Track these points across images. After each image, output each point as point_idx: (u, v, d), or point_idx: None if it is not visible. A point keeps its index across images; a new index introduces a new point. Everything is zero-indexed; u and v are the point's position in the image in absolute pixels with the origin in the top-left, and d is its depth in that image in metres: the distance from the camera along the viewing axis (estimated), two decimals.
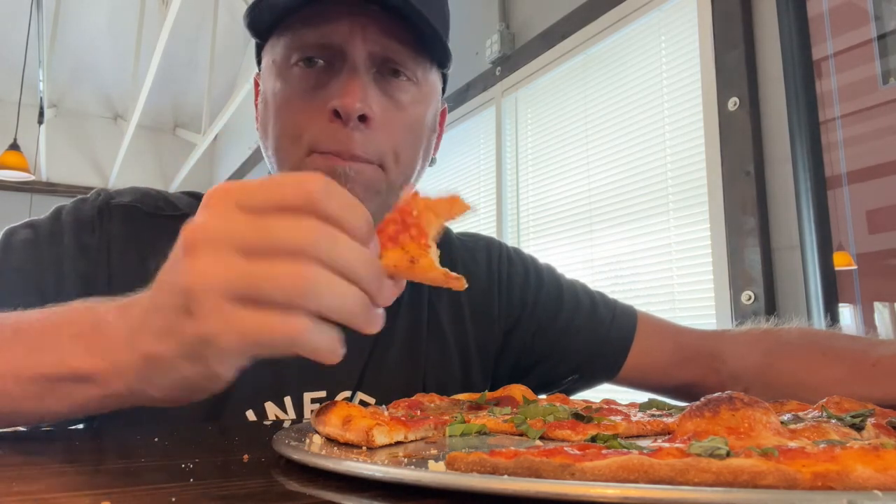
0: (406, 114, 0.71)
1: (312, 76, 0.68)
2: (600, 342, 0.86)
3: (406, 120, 0.71)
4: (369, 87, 0.67)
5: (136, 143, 6.71)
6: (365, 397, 0.76)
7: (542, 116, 2.69)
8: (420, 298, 0.82)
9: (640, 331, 0.87)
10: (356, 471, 0.33)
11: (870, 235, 1.53)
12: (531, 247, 2.67)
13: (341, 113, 0.64)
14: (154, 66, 4.60)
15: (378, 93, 0.68)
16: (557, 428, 0.45)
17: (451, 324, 0.84)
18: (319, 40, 0.67)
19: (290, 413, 0.72)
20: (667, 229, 2.07)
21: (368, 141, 0.67)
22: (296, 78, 0.68)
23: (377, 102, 0.67)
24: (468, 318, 0.85)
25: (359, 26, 0.66)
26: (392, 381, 0.77)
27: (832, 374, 0.72)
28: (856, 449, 0.27)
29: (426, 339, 0.81)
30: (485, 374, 0.86)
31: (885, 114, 1.52)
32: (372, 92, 0.67)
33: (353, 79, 0.66)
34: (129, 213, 0.75)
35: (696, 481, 0.26)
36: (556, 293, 0.90)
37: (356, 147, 0.66)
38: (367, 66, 0.67)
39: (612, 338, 0.86)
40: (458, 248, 0.89)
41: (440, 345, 0.82)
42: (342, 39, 0.66)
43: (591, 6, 2.38)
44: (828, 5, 1.64)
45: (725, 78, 1.83)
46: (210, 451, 0.48)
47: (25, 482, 0.37)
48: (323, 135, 0.66)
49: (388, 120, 0.69)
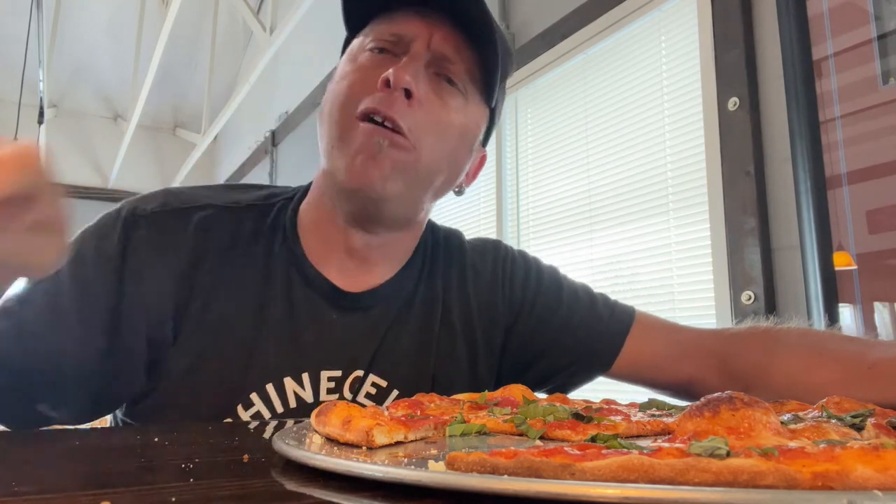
0: (447, 113, 0.76)
1: (378, 60, 0.76)
2: (596, 335, 0.89)
3: (445, 118, 0.76)
4: (421, 73, 0.74)
5: (136, 143, 6.70)
6: (377, 379, 0.81)
7: (542, 116, 2.69)
8: (433, 295, 0.88)
9: (636, 325, 0.89)
10: (356, 471, 0.33)
11: (870, 235, 1.53)
12: (531, 247, 2.67)
13: (391, 81, 0.70)
14: (154, 66, 4.60)
15: (427, 82, 0.75)
16: (557, 428, 0.45)
17: (461, 319, 0.88)
18: (393, 35, 0.76)
19: (308, 389, 0.77)
20: (667, 229, 2.07)
21: (407, 114, 0.72)
22: (364, 59, 0.77)
23: (424, 88, 0.74)
24: (475, 314, 0.89)
25: (429, 28, 0.75)
26: (403, 366, 0.82)
27: (829, 375, 0.73)
28: (856, 449, 0.27)
29: (437, 331, 0.86)
30: (490, 369, 0.90)
31: (885, 114, 1.52)
32: (422, 77, 0.74)
33: (411, 63, 0.73)
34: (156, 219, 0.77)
35: (696, 481, 0.26)
36: (555, 291, 0.93)
37: (395, 111, 0.71)
38: (426, 62, 0.75)
39: (607, 331, 0.89)
40: (468, 252, 0.94)
41: (450, 338, 0.86)
42: (412, 35, 0.75)
43: (591, 6, 2.38)
44: (828, 5, 1.64)
45: (725, 78, 1.83)
46: (210, 451, 0.48)
47: (25, 482, 0.37)
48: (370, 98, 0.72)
49: (430, 109, 0.74)
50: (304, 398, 0.77)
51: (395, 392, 0.81)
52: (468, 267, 0.92)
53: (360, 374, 0.80)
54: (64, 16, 5.94)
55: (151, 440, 0.52)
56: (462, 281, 0.90)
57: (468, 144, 0.81)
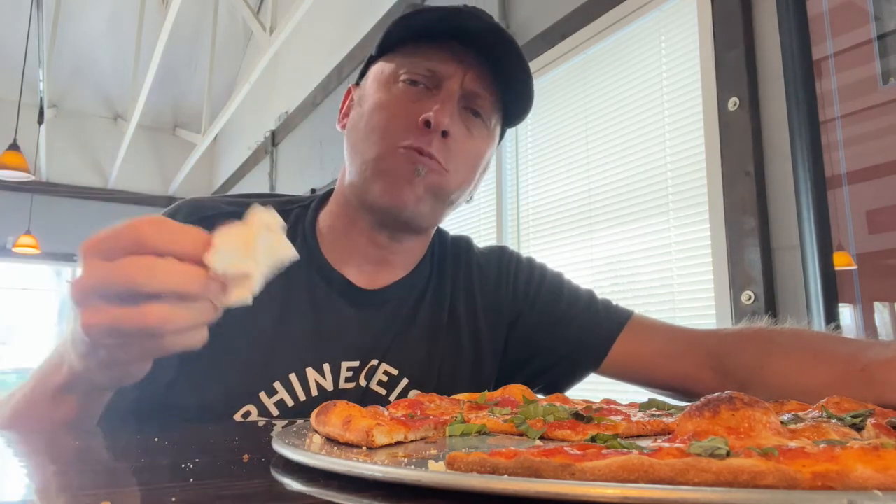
0: (474, 145, 0.85)
1: (413, 93, 0.82)
2: (589, 331, 0.92)
3: (472, 149, 0.85)
4: (455, 114, 0.82)
5: (136, 143, 6.71)
6: (388, 367, 0.87)
7: (542, 116, 2.69)
8: (442, 293, 0.94)
9: (631, 324, 0.92)
10: (356, 471, 0.33)
11: (870, 235, 1.53)
12: (531, 247, 2.67)
13: (432, 123, 0.78)
14: (154, 66, 4.60)
15: (459, 121, 0.83)
16: (557, 428, 0.45)
17: (467, 317, 0.94)
18: (428, 68, 0.82)
19: (328, 378, 0.83)
20: (667, 229, 2.07)
21: (443, 150, 0.80)
22: (399, 91, 0.83)
23: (457, 127, 0.82)
24: (480, 313, 0.95)
25: (462, 67, 0.82)
26: (413, 357, 0.88)
27: (822, 377, 0.73)
28: (856, 449, 0.27)
29: (445, 326, 0.92)
30: (493, 363, 0.95)
31: (885, 114, 1.52)
32: (456, 118, 0.82)
33: (447, 103, 0.81)
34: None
35: (696, 481, 0.26)
36: (557, 291, 0.97)
37: (434, 149, 0.79)
38: (458, 99, 0.82)
39: (600, 327, 0.92)
40: (476, 255, 1.00)
41: (456, 334, 0.92)
42: (447, 73, 0.82)
43: (591, 6, 2.38)
44: (828, 5, 1.64)
45: (725, 78, 1.83)
46: (210, 451, 0.48)
47: (26, 482, 0.37)
48: (412, 135, 0.80)
49: (461, 141, 0.83)
50: (324, 387, 0.83)
51: (405, 380, 0.87)
52: (475, 268, 0.98)
53: (374, 364, 0.86)
54: (64, 16, 5.94)
55: (151, 440, 0.52)
56: (469, 281, 0.96)
57: (485, 164, 0.91)
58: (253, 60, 4.46)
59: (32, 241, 6.44)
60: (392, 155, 0.80)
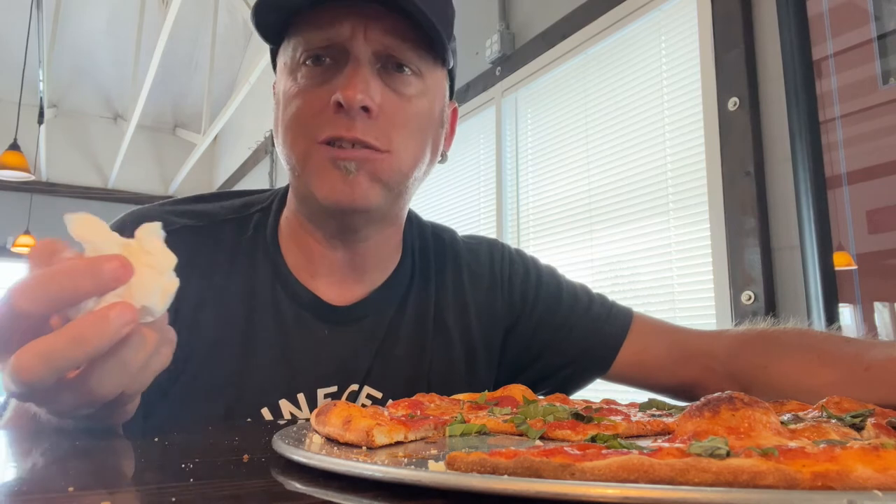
0: (411, 105, 0.72)
1: (319, 73, 0.70)
2: (594, 337, 0.87)
3: (411, 110, 0.72)
4: (371, 80, 0.69)
5: (136, 143, 6.71)
6: (371, 391, 0.78)
7: (542, 116, 2.69)
8: (426, 298, 0.85)
9: (634, 327, 0.88)
10: (356, 471, 0.33)
11: (870, 235, 1.53)
12: (531, 247, 2.67)
13: (344, 104, 0.67)
14: (154, 66, 4.60)
15: (381, 85, 0.70)
16: (557, 428, 0.45)
17: (456, 321, 0.86)
18: (324, 40, 0.69)
19: (305, 409, 0.75)
20: (667, 229, 2.07)
21: (371, 127, 0.69)
22: (304, 75, 0.71)
23: (380, 94, 0.69)
24: (473, 317, 0.87)
25: (361, 25, 0.69)
26: (398, 375, 0.80)
27: (826, 377, 0.72)
28: (856, 449, 0.27)
29: (431, 335, 0.84)
30: (489, 370, 0.88)
31: (885, 114, 1.52)
32: (374, 84, 0.69)
33: (356, 73, 0.68)
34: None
35: (696, 481, 0.26)
36: (555, 292, 0.92)
37: (358, 131, 0.68)
38: (371, 62, 0.70)
39: (605, 333, 0.87)
40: (463, 252, 0.91)
41: (445, 341, 0.84)
42: (346, 38, 0.69)
43: (591, 6, 2.38)
44: (828, 5, 1.64)
45: (725, 78, 1.83)
46: (210, 451, 0.48)
47: (27, 482, 0.37)
48: (327, 124, 0.68)
49: (393, 110, 0.71)
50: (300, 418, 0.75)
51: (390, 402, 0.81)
52: (464, 267, 0.89)
53: (355, 388, 0.78)
54: (64, 16, 5.94)
55: (151, 440, 0.52)
56: (458, 282, 0.88)
57: (438, 119, 0.78)
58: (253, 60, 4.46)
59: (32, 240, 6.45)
60: (315, 153, 0.69)
